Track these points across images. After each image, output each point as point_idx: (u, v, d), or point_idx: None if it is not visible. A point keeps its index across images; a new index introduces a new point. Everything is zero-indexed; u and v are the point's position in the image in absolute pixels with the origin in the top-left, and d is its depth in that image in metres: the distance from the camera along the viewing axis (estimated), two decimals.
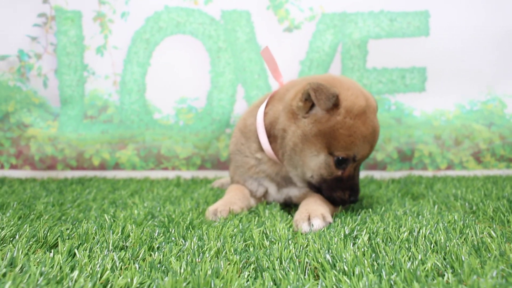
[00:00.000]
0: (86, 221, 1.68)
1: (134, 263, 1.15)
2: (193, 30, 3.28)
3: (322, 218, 1.59)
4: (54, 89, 3.32)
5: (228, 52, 3.28)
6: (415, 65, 3.25)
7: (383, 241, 1.32)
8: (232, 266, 1.12)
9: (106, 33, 3.29)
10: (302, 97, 1.76)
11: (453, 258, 1.14)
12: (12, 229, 1.47)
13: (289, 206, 2.05)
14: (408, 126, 3.27)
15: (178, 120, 3.30)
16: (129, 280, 1.02)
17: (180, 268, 1.09)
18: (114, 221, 1.65)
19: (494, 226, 1.52)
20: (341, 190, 1.81)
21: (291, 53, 3.26)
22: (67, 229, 1.53)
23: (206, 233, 1.43)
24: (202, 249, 1.26)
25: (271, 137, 1.91)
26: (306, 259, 1.17)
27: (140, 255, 1.22)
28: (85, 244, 1.31)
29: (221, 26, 3.28)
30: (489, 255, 1.18)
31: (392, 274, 1.03)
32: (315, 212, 1.61)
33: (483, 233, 1.42)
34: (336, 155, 1.75)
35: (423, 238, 1.33)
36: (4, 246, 1.33)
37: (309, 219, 1.58)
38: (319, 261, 1.15)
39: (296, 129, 1.79)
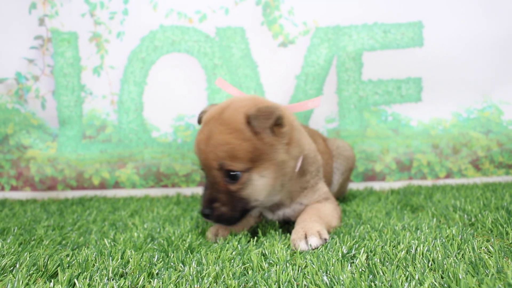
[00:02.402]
0: (86, 246, 1.69)
1: None
2: (189, 48, 3.31)
3: (319, 236, 1.60)
4: (52, 110, 3.34)
5: (223, 69, 3.30)
6: (410, 75, 3.26)
7: (380, 261, 1.32)
8: None
9: (102, 53, 3.32)
10: None
11: (451, 277, 1.15)
12: (13, 257, 1.48)
13: (288, 223, 2.06)
14: (405, 136, 3.28)
15: (176, 137, 3.32)
16: None
17: None
18: (114, 245, 1.66)
19: (492, 239, 1.53)
20: None
21: (286, 68, 3.27)
22: (67, 255, 1.54)
23: (205, 257, 1.43)
24: (201, 274, 1.27)
25: None
26: (304, 282, 1.18)
27: (140, 283, 1.23)
28: (85, 272, 1.32)
29: (216, 43, 3.30)
30: (486, 272, 1.19)
31: None
32: (311, 230, 1.62)
33: (481, 248, 1.42)
34: None
35: (421, 256, 1.34)
36: (4, 276, 1.34)
37: (306, 237, 1.59)
38: (317, 283, 1.15)
39: None
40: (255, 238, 1.71)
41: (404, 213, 2.13)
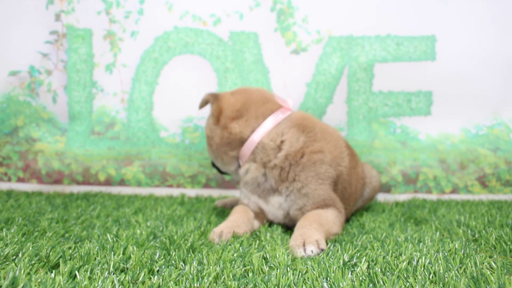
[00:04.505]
0: (88, 240, 1.70)
1: (133, 287, 1.17)
2: (202, 50, 3.33)
3: (317, 245, 1.60)
4: (63, 104, 3.36)
5: (235, 73, 3.31)
6: (421, 89, 3.26)
7: (381, 270, 1.32)
8: None
9: (115, 51, 3.34)
10: None
11: None
12: (16, 247, 1.49)
13: (291, 229, 2.06)
14: (413, 149, 3.27)
15: (184, 138, 3.33)
16: None
17: None
18: (116, 240, 1.67)
19: (495, 256, 1.52)
20: None
21: (297, 75, 3.28)
22: (70, 248, 1.55)
23: (206, 257, 1.44)
24: (201, 274, 1.27)
25: None
26: (304, 287, 1.18)
27: (140, 278, 1.24)
28: (86, 265, 1.33)
29: (229, 47, 3.32)
30: (488, 287, 1.18)
31: None
32: (309, 239, 1.63)
33: (483, 263, 1.42)
34: None
35: (422, 268, 1.33)
36: (7, 264, 1.35)
37: (304, 245, 1.60)
38: None
39: None
40: (257, 241, 1.71)
41: (407, 226, 2.13)
